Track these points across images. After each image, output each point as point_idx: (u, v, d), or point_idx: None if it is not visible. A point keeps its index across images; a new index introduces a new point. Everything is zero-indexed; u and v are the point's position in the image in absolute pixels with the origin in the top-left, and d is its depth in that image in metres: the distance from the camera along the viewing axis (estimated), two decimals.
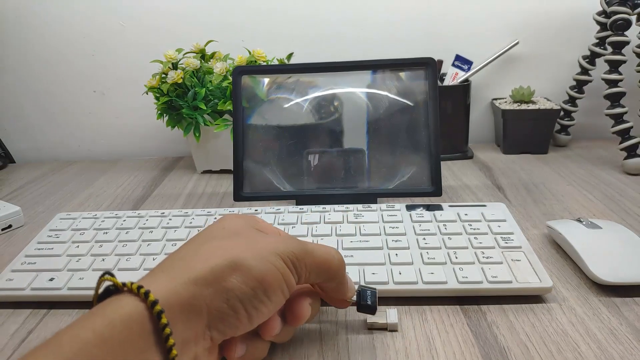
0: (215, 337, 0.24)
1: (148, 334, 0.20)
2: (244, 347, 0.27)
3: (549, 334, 0.32)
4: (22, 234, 0.52)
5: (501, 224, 0.43)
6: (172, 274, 0.23)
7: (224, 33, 0.71)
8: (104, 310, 0.21)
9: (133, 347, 0.20)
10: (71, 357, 0.18)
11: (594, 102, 0.69)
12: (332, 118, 0.53)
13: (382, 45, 0.73)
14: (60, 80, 0.77)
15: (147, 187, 0.65)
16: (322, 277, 0.28)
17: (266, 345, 0.29)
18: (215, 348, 0.25)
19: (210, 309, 0.23)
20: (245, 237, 0.26)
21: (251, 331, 0.27)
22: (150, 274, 0.24)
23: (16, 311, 0.38)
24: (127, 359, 0.19)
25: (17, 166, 0.78)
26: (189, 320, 0.22)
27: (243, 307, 0.24)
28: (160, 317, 0.21)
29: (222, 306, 0.23)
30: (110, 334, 0.19)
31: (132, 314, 0.20)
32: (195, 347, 0.23)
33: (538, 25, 0.71)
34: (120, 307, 0.21)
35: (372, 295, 0.33)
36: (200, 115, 0.62)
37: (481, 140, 0.77)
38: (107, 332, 0.19)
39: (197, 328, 0.23)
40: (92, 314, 0.21)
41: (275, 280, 0.25)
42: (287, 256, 0.26)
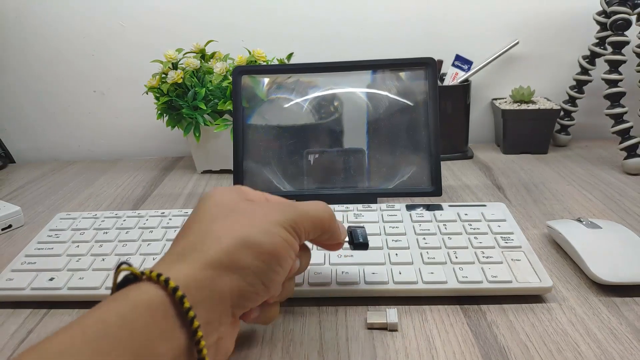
0: (237, 312, 0.25)
1: (172, 317, 0.21)
2: (258, 309, 0.29)
3: (548, 334, 0.32)
4: (22, 234, 0.52)
5: (501, 223, 0.43)
6: (188, 260, 0.23)
7: (224, 33, 0.71)
8: (126, 296, 0.21)
9: (157, 330, 0.20)
10: (95, 339, 0.18)
11: (594, 102, 0.69)
12: (332, 118, 0.53)
13: (382, 45, 0.73)
14: (61, 80, 0.77)
15: (147, 187, 0.65)
16: (318, 233, 0.30)
17: (277, 305, 0.31)
18: (237, 320, 0.26)
19: (231, 290, 0.24)
20: (244, 212, 0.27)
21: None
22: (165, 260, 0.25)
23: (16, 311, 0.38)
24: (152, 340, 0.20)
25: (17, 166, 0.78)
26: (211, 304, 0.23)
27: (260, 281, 0.25)
28: (183, 302, 0.21)
29: (241, 284, 0.24)
30: (134, 317, 0.20)
31: (154, 299, 0.21)
32: (219, 326, 0.24)
33: (538, 25, 0.71)
34: (143, 293, 0.21)
35: (362, 232, 0.34)
36: (200, 115, 0.62)
37: (481, 140, 0.77)
38: (131, 315, 0.20)
39: (220, 309, 0.23)
40: (114, 299, 0.21)
41: (284, 250, 0.26)
42: (289, 224, 0.27)
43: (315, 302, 0.37)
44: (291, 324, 0.35)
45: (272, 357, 0.31)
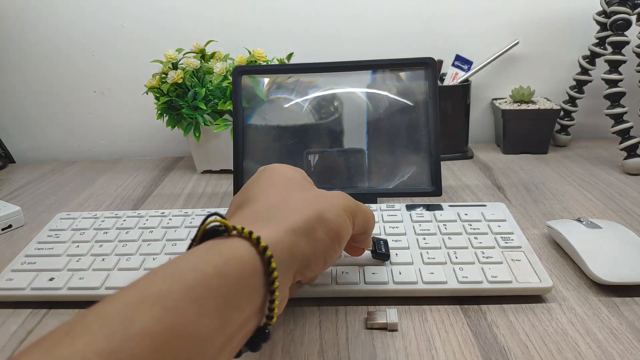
0: (299, 278, 0.27)
1: (259, 274, 0.22)
2: None
3: (549, 334, 0.32)
4: (22, 234, 0.52)
5: (501, 223, 0.43)
6: (274, 223, 0.25)
7: (224, 33, 0.71)
8: (220, 249, 0.22)
9: (246, 284, 0.22)
10: (193, 285, 0.19)
11: (594, 102, 0.69)
12: (332, 118, 0.53)
13: (382, 45, 0.73)
14: (61, 80, 0.77)
15: (147, 187, 0.65)
16: (363, 229, 0.32)
17: None
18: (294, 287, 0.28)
19: (303, 257, 0.26)
20: (315, 191, 0.30)
21: None
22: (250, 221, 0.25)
23: (16, 311, 0.38)
24: (241, 293, 0.21)
25: (17, 166, 0.78)
26: (289, 266, 0.25)
27: (323, 255, 0.27)
28: (270, 262, 0.22)
29: (311, 254, 0.26)
30: (228, 270, 0.21)
31: (245, 255, 0.22)
32: (285, 288, 0.25)
33: (538, 25, 0.71)
34: (235, 248, 0.22)
35: (385, 244, 0.38)
36: (200, 115, 0.62)
37: (481, 140, 0.77)
38: (225, 268, 0.21)
39: (293, 272, 0.25)
40: (208, 251, 0.22)
41: (346, 233, 0.28)
42: (350, 211, 0.29)
43: (316, 302, 0.37)
44: (291, 323, 0.35)
45: (272, 356, 0.31)
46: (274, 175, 0.31)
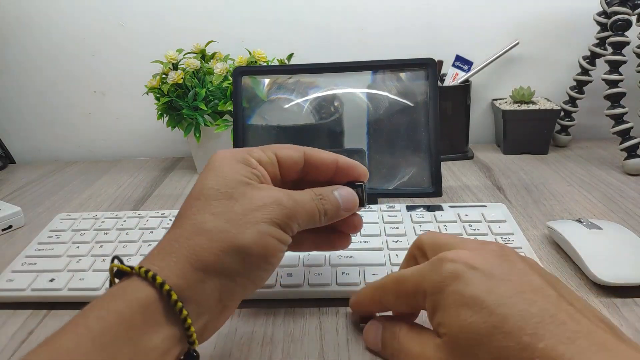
0: (229, 304, 0.26)
1: (163, 310, 0.23)
2: None
3: None
4: (23, 235, 0.52)
5: (501, 224, 0.43)
6: (179, 258, 0.24)
7: (224, 33, 0.71)
8: (122, 293, 0.23)
9: (152, 322, 0.22)
10: (99, 335, 0.21)
11: (594, 103, 0.69)
12: (332, 118, 0.53)
13: (382, 46, 0.73)
14: (61, 80, 0.77)
15: (147, 187, 0.65)
16: (309, 226, 0.29)
17: None
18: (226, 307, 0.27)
19: (220, 289, 0.25)
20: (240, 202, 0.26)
21: None
22: (156, 253, 0.25)
23: (16, 312, 0.38)
24: (147, 333, 0.22)
25: (17, 166, 0.78)
26: (199, 300, 0.24)
27: (248, 279, 0.26)
28: (170, 295, 0.23)
29: (230, 285, 0.25)
30: (130, 314, 0.22)
31: (146, 296, 0.23)
32: (209, 315, 0.25)
33: (538, 25, 0.71)
34: (136, 291, 0.23)
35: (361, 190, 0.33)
36: (201, 115, 0.62)
37: (481, 141, 0.77)
38: (127, 312, 0.22)
39: (209, 304, 0.25)
40: (110, 296, 0.23)
41: (274, 250, 0.26)
42: (281, 220, 0.27)
43: (316, 303, 0.37)
44: (291, 325, 0.35)
45: (272, 358, 0.31)
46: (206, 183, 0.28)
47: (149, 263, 0.25)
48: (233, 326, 0.35)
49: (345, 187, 0.31)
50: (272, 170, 0.30)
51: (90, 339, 0.20)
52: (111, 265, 0.25)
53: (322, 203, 0.29)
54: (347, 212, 0.31)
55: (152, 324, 0.22)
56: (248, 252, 0.25)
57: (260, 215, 0.26)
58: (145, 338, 0.22)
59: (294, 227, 0.28)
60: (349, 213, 0.31)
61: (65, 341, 0.20)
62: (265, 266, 0.27)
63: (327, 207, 0.29)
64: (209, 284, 0.24)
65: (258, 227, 0.26)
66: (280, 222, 0.27)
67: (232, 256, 0.25)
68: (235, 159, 0.29)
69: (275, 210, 0.27)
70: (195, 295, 0.24)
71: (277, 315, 0.36)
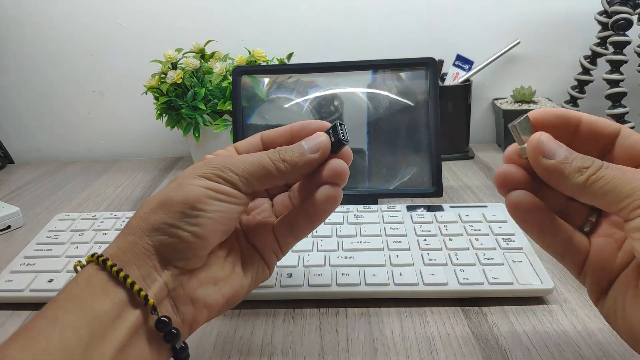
0: (180, 264, 0.26)
1: (106, 279, 0.24)
2: None
3: (550, 336, 0.32)
4: (21, 235, 0.52)
5: (502, 224, 0.43)
6: (118, 235, 0.26)
7: (224, 33, 0.71)
8: (72, 278, 0.25)
9: (96, 292, 0.24)
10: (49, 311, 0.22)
11: (596, 102, 0.69)
12: (333, 118, 0.53)
13: (383, 45, 0.73)
14: (59, 80, 0.77)
15: (146, 187, 0.65)
16: (266, 180, 0.28)
17: None
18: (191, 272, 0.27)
19: (155, 247, 0.25)
20: (181, 177, 0.28)
21: None
22: None
23: (15, 312, 0.38)
24: (95, 302, 0.23)
25: (16, 166, 0.78)
26: (138, 261, 0.25)
27: (181, 229, 0.25)
28: (106, 263, 0.24)
29: (162, 239, 0.25)
30: (77, 289, 0.24)
31: (89, 272, 0.25)
32: (161, 277, 0.25)
33: (539, 25, 0.71)
34: (82, 272, 0.25)
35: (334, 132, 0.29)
36: (200, 115, 0.61)
37: (482, 141, 0.77)
38: (74, 288, 0.24)
39: (151, 264, 0.25)
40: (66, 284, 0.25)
41: (198, 194, 0.26)
42: (209, 171, 0.27)
43: (316, 304, 0.37)
44: (291, 325, 0.35)
45: (271, 358, 0.31)
46: None
47: None
48: (233, 327, 0.35)
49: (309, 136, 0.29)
50: None
51: (43, 317, 0.22)
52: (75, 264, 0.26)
53: (279, 153, 0.28)
54: (317, 154, 0.28)
55: (98, 293, 0.24)
56: (168, 202, 0.26)
57: (187, 175, 0.27)
58: (95, 306, 0.23)
59: (229, 177, 0.27)
60: (319, 154, 0.28)
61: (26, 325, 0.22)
62: (193, 212, 0.25)
63: (286, 154, 0.28)
64: (141, 243, 0.25)
65: (182, 181, 0.27)
66: (205, 174, 0.27)
67: (156, 212, 0.26)
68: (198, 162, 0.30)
69: (201, 168, 0.27)
70: (133, 258, 0.25)
71: (277, 315, 0.36)
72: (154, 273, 0.25)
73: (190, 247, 0.26)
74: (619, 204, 0.22)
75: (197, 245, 0.26)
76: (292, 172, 0.28)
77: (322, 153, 0.28)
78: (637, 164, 0.25)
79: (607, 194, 0.22)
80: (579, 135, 0.26)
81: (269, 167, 0.27)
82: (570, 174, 0.23)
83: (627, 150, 0.25)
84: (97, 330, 0.22)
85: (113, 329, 0.23)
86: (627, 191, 0.22)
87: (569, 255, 0.26)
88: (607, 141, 0.26)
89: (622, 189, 0.22)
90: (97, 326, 0.22)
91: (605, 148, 0.26)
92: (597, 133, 0.26)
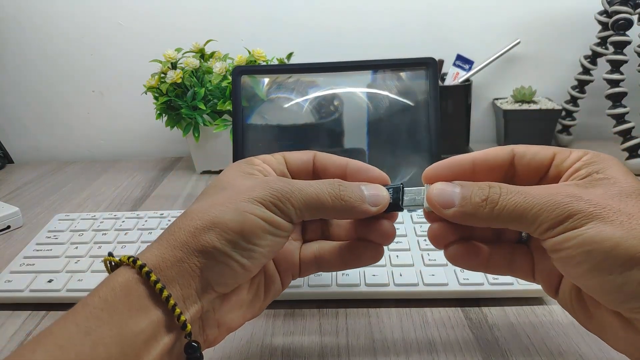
0: (219, 289, 0.25)
1: (146, 293, 0.23)
2: None
3: (550, 336, 0.32)
4: (21, 235, 0.52)
5: None
6: (162, 241, 0.25)
7: (224, 32, 0.71)
8: (108, 281, 0.23)
9: (135, 307, 0.22)
10: (83, 319, 0.21)
11: (596, 102, 0.69)
12: (332, 118, 0.53)
13: (383, 45, 0.73)
14: (59, 80, 0.77)
15: (146, 187, 0.65)
16: (318, 214, 0.27)
17: None
18: (224, 296, 0.26)
19: (202, 269, 0.24)
20: (229, 189, 0.26)
21: None
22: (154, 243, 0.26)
23: (15, 313, 0.38)
24: (132, 317, 0.22)
25: (15, 166, 0.78)
26: (183, 281, 0.24)
27: (231, 259, 0.24)
28: (150, 276, 0.23)
29: (212, 264, 0.24)
30: (114, 298, 0.22)
31: (128, 279, 0.23)
32: (200, 301, 0.24)
33: (539, 24, 0.71)
34: (119, 276, 0.23)
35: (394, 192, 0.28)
36: (200, 115, 0.61)
37: (482, 141, 0.76)
38: (111, 297, 0.22)
39: (194, 286, 0.24)
40: (99, 285, 0.23)
41: (255, 227, 0.25)
42: (267, 199, 0.25)
43: (316, 304, 0.37)
44: (291, 326, 0.35)
45: (271, 359, 0.31)
46: (212, 182, 0.29)
47: (138, 254, 0.25)
48: None
49: (372, 183, 0.28)
50: (280, 170, 0.30)
51: (75, 324, 0.21)
52: (105, 259, 0.25)
53: (339, 188, 0.26)
54: (375, 208, 0.27)
55: (136, 308, 0.22)
56: (224, 227, 0.24)
57: (244, 195, 0.25)
58: (130, 322, 0.22)
59: (286, 209, 0.25)
60: (376, 209, 0.27)
61: (53, 328, 0.21)
62: (247, 245, 0.25)
63: (344, 193, 0.26)
64: (189, 262, 0.24)
65: (237, 205, 0.25)
66: (264, 201, 0.25)
67: (209, 233, 0.24)
68: (239, 161, 0.30)
69: (260, 191, 0.25)
70: (177, 276, 0.24)
71: (277, 316, 0.36)
72: (194, 295, 0.24)
73: (235, 276, 0.25)
74: (529, 228, 0.23)
75: (242, 275, 0.25)
76: (345, 213, 0.27)
77: (379, 210, 0.27)
78: (541, 174, 0.27)
79: (515, 220, 0.23)
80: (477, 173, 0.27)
81: (326, 203, 0.26)
82: (475, 210, 0.24)
83: (527, 167, 0.26)
84: (129, 351, 0.21)
85: (146, 351, 0.22)
86: (531, 218, 0.23)
87: (517, 269, 0.27)
88: (506, 167, 0.27)
89: (526, 216, 0.23)
90: (130, 346, 0.21)
91: (508, 174, 0.27)
92: (491, 165, 0.27)
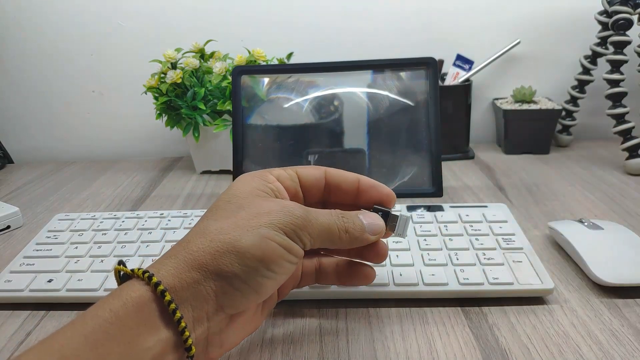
0: (229, 311, 0.25)
1: (158, 312, 0.23)
2: None
3: (550, 336, 0.32)
4: (21, 235, 0.52)
5: (502, 225, 0.43)
6: (178, 257, 0.24)
7: (224, 32, 0.71)
8: (119, 293, 0.23)
9: (145, 324, 0.22)
10: (91, 332, 0.21)
11: (596, 102, 0.69)
12: (332, 118, 0.53)
13: (383, 45, 0.73)
14: (59, 80, 0.77)
15: (146, 187, 0.65)
16: (327, 244, 0.28)
17: None
18: (234, 317, 0.26)
19: (217, 292, 0.24)
20: (247, 210, 0.26)
21: None
22: (159, 258, 0.25)
23: (15, 312, 0.38)
24: (141, 334, 0.22)
25: (15, 166, 0.78)
26: (196, 303, 0.24)
27: (247, 285, 0.25)
28: (164, 296, 0.22)
29: (227, 288, 0.24)
30: (125, 313, 0.22)
31: (141, 295, 0.22)
32: (208, 322, 0.24)
33: (539, 24, 0.71)
34: (132, 291, 0.23)
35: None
36: (200, 115, 0.61)
37: (482, 141, 0.76)
38: (122, 311, 0.22)
39: (206, 309, 0.24)
40: (110, 296, 0.23)
41: (275, 255, 0.25)
42: (288, 227, 0.26)
43: (316, 304, 0.37)
44: (291, 326, 0.35)
45: (272, 359, 0.31)
46: (223, 195, 0.29)
47: (151, 267, 0.25)
48: None
49: (369, 212, 0.31)
50: (293, 187, 0.31)
51: (83, 336, 0.20)
52: (115, 268, 0.25)
53: (343, 221, 0.28)
54: (373, 236, 0.30)
55: (146, 325, 0.22)
56: (245, 253, 0.24)
57: (264, 220, 0.26)
58: (140, 339, 0.21)
59: (303, 237, 0.27)
60: (375, 237, 0.30)
61: (59, 337, 0.20)
62: (265, 272, 0.25)
63: (349, 225, 0.29)
64: (205, 285, 0.24)
65: (259, 230, 0.25)
66: (285, 228, 0.26)
67: (229, 257, 0.24)
68: (252, 175, 0.30)
69: (281, 217, 0.26)
70: (191, 298, 0.23)
71: (277, 316, 0.36)
72: (204, 317, 0.24)
73: (248, 301, 0.25)
74: None
75: (255, 299, 0.26)
76: (349, 244, 0.29)
77: (377, 238, 0.30)
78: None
79: None
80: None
81: (335, 235, 0.28)
82: None
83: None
84: None
85: None
86: None
87: None
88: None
89: None
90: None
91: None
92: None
